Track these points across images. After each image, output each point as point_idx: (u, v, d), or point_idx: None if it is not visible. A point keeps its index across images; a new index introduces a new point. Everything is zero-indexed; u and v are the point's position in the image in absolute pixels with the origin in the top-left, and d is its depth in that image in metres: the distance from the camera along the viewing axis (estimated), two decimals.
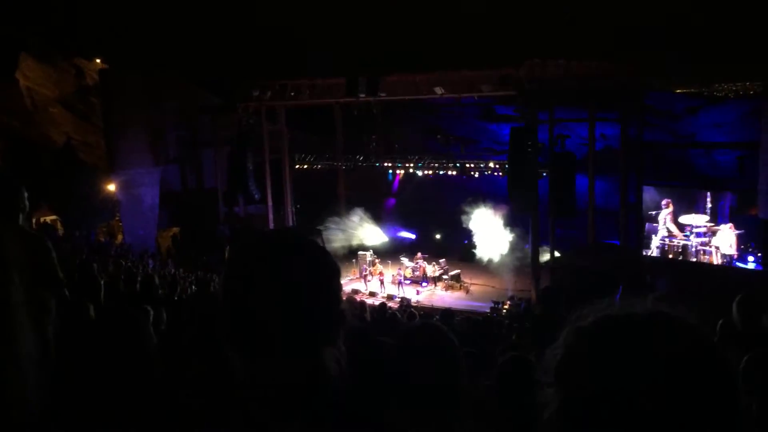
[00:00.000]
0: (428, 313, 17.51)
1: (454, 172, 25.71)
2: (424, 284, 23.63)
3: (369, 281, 23.85)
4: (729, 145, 22.60)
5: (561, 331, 1.09)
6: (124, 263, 17.39)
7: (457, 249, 27.03)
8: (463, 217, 25.94)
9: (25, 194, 3.94)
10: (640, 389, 0.91)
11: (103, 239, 26.14)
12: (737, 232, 19.60)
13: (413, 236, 29.01)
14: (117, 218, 28.03)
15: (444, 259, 24.72)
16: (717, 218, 20.10)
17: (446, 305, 19.32)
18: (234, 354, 1.35)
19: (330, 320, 1.36)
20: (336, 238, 26.15)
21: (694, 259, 20.21)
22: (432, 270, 24.11)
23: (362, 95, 23.27)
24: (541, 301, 19.74)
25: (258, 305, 1.31)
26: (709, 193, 20.31)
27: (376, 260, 24.57)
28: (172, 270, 20.10)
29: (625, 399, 0.91)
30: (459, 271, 24.28)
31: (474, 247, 25.82)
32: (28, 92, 30.04)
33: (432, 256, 24.87)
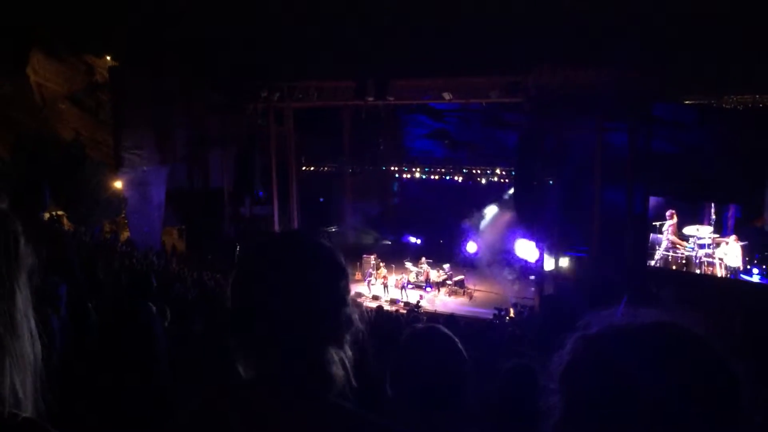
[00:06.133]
0: (432, 318, 17.47)
1: (461, 178, 25.67)
2: (427, 289, 23.60)
3: (372, 285, 23.84)
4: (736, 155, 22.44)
5: (564, 338, 1.10)
6: (127, 260, 17.42)
7: (462, 255, 27.01)
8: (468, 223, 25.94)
9: (47, 193, 4.09)
10: (644, 398, 0.92)
11: (108, 236, 26.16)
12: (741, 243, 19.50)
13: (419, 241, 28.88)
14: (123, 215, 28.06)
15: (448, 265, 24.68)
16: (722, 229, 19.98)
17: (449, 311, 19.27)
18: (240, 354, 1.36)
19: (337, 322, 1.36)
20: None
21: (698, 271, 20.10)
22: (436, 275, 24.09)
23: (370, 98, 23.26)
24: (543, 308, 19.76)
25: (265, 306, 1.31)
26: (713, 204, 20.21)
27: (381, 264, 24.54)
28: (176, 268, 20.13)
29: (629, 407, 0.92)
30: (463, 276, 24.23)
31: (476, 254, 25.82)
32: (38, 88, 30.22)
33: (436, 262, 24.84)
